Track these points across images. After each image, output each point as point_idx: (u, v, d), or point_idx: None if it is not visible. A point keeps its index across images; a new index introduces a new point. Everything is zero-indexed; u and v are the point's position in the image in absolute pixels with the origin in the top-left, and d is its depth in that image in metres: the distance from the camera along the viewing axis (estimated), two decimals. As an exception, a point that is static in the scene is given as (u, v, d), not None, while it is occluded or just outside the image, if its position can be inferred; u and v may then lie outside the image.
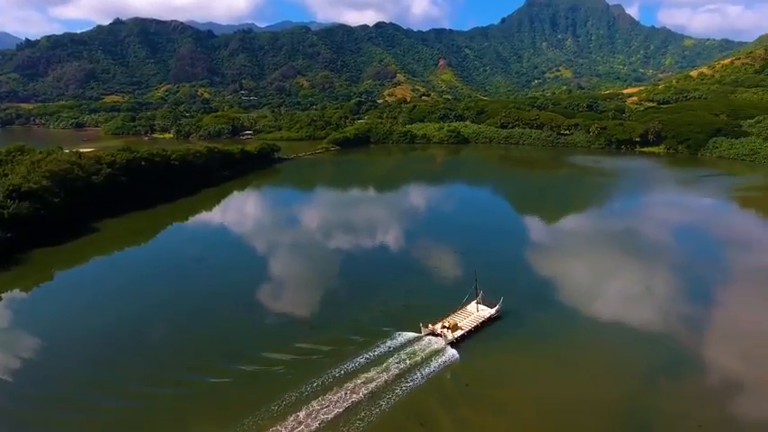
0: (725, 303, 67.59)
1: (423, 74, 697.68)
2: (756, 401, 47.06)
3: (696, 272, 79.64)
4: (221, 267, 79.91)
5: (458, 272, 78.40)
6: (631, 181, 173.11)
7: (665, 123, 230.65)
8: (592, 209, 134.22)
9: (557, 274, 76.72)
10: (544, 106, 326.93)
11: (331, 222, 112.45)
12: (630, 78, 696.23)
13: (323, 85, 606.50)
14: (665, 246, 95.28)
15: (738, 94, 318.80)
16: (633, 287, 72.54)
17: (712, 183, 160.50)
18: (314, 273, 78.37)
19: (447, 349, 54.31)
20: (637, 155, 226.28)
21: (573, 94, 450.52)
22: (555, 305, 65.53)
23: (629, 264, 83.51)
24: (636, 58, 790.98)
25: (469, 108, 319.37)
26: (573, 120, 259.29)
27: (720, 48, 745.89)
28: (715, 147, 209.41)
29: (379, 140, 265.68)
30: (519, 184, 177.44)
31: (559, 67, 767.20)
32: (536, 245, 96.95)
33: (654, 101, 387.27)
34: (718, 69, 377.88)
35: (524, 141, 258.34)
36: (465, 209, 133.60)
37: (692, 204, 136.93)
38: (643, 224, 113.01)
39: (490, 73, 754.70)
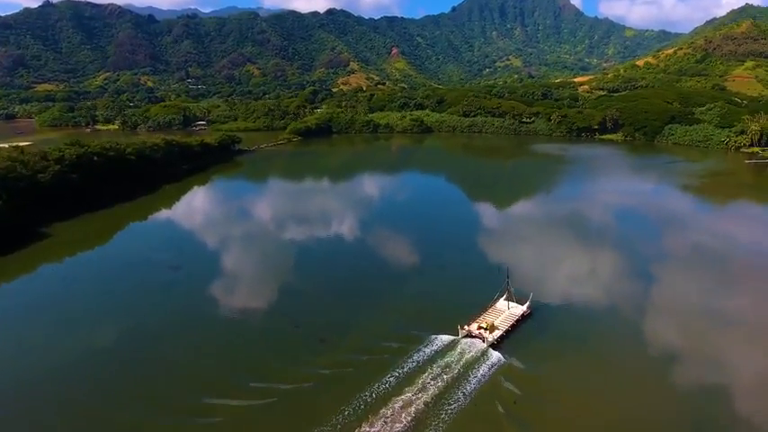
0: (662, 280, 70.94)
1: (376, 62, 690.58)
2: (696, 371, 49.27)
3: (641, 250, 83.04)
4: (202, 276, 71.38)
5: (461, 269, 74.53)
6: (591, 167, 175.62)
7: (622, 111, 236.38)
8: (559, 194, 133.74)
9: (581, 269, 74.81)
10: (500, 95, 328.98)
11: (309, 218, 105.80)
12: (577, 67, 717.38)
13: (275, 73, 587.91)
14: (613, 228, 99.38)
15: (683, 83, 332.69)
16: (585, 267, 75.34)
17: (668, 169, 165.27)
18: (308, 276, 71.97)
19: (490, 352, 50.75)
20: (596, 142, 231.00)
21: (527, 83, 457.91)
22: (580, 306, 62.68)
23: (582, 246, 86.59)
24: (581, 48, 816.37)
25: (428, 97, 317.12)
26: (534, 108, 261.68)
27: (658, 38, 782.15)
28: (670, 134, 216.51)
29: (341, 130, 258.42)
30: (486, 172, 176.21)
31: (509, 56, 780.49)
32: (519, 234, 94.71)
33: (604, 89, 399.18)
34: (663, 59, 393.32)
35: (487, 130, 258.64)
36: (434, 199, 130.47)
37: (643, 189, 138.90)
38: (596, 208, 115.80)
39: (442, 61, 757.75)
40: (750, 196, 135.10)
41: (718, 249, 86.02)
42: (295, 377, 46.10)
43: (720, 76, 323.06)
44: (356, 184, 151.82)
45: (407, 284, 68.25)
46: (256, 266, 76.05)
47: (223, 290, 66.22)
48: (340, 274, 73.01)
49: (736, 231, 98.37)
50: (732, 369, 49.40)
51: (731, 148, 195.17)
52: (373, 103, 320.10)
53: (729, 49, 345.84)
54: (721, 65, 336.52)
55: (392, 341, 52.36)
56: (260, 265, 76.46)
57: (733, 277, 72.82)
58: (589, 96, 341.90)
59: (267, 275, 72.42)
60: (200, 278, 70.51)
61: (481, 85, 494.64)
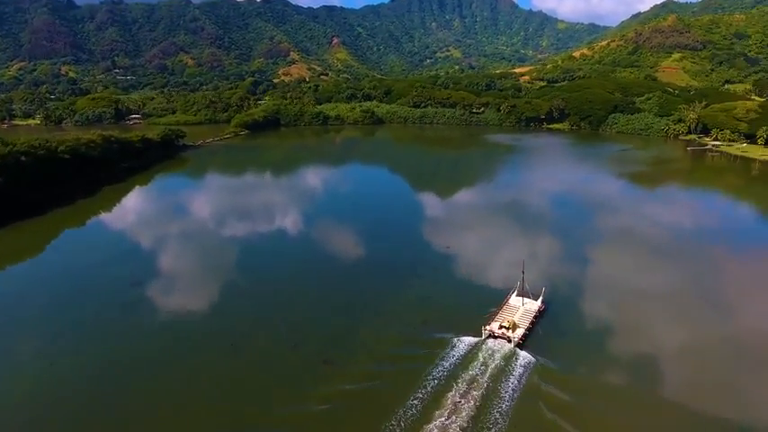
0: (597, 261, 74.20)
1: (317, 52, 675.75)
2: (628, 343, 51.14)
3: (575, 235, 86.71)
4: (168, 291, 63.21)
5: (450, 265, 70.99)
6: (545, 156, 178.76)
7: (567, 101, 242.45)
8: (516, 183, 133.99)
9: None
10: (446, 85, 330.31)
11: (269, 218, 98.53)
12: (514, 58, 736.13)
13: (210, 63, 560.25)
14: (551, 214, 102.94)
15: (618, 74, 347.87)
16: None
17: (619, 157, 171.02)
18: (287, 284, 65.48)
19: (517, 352, 48.50)
20: (544, 131, 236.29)
21: (470, 74, 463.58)
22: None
23: (530, 233, 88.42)
24: (517, 40, 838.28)
25: (375, 87, 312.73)
26: (483, 98, 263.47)
27: (588, 31, 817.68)
28: (614, 122, 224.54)
29: (289, 123, 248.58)
30: (443, 162, 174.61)
31: (449, 47, 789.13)
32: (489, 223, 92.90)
33: (544, 79, 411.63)
34: (597, 50, 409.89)
35: (438, 120, 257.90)
36: (391, 192, 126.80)
37: (596, 177, 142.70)
38: (537, 196, 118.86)
39: (384, 52, 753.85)
40: (693, 181, 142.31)
41: (652, 232, 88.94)
42: (304, 414, 40.26)
43: (651, 68, 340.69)
44: (312, 179, 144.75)
45: (398, 285, 63.85)
46: (226, 277, 68.45)
47: (196, 308, 58.54)
48: (323, 278, 67.26)
49: (682, 215, 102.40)
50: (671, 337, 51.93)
51: (670, 135, 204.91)
52: (320, 94, 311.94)
53: (658, 42, 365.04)
54: (651, 56, 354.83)
55: (413, 347, 49.02)
56: (230, 276, 68.87)
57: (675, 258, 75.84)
58: (531, 87, 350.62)
59: (242, 286, 65.31)
60: (167, 294, 62.27)
61: (424, 75, 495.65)
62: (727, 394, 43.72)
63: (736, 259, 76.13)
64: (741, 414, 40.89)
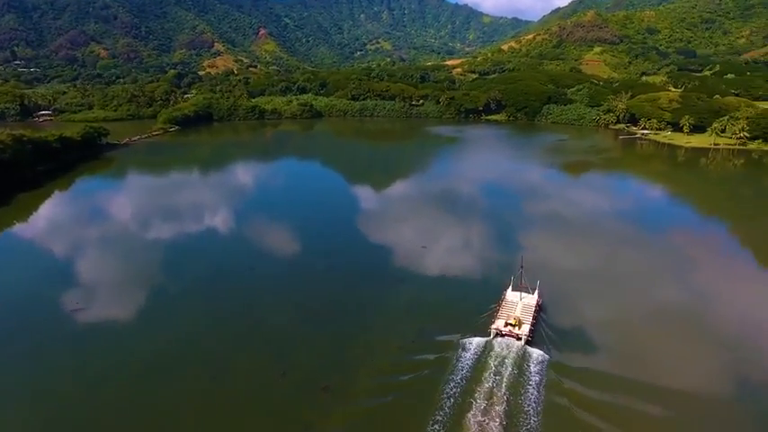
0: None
1: (243, 44, 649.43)
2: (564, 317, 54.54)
3: (507, 220, 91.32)
4: (116, 313, 54.81)
5: (425, 264, 67.56)
6: (483, 147, 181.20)
7: (503, 93, 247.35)
8: (458, 174, 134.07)
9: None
10: (380, 77, 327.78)
11: (215, 221, 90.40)
12: (443, 51, 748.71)
13: (127, 54, 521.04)
14: (485, 202, 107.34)
15: (545, 66, 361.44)
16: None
17: (558, 147, 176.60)
18: (262, 295, 59.20)
19: (528, 350, 47.50)
20: (483, 123, 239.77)
21: (403, 66, 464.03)
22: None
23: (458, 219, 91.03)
24: (445, 33, 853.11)
25: (310, 80, 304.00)
26: (423, 90, 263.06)
27: (512, 25, 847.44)
28: (549, 113, 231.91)
29: (223, 117, 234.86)
30: (385, 155, 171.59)
31: (379, 39, 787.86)
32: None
33: (476, 72, 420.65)
34: (524, 44, 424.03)
35: (378, 113, 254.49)
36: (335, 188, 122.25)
37: (532, 167, 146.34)
38: (471, 185, 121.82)
39: (313, 44, 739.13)
40: (624, 167, 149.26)
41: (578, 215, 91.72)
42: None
43: (576, 60, 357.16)
44: (254, 177, 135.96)
45: (378, 291, 59.57)
46: (181, 291, 60.56)
47: (157, 333, 50.80)
48: (291, 289, 61.21)
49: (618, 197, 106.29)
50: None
51: (601, 125, 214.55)
52: (251, 87, 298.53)
53: (580, 36, 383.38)
54: (575, 50, 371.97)
55: (420, 354, 46.16)
56: (184, 290, 60.94)
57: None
58: (464, 79, 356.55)
59: (202, 303, 57.89)
60: (118, 318, 53.73)
61: (356, 67, 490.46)
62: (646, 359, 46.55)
63: (655, 238, 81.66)
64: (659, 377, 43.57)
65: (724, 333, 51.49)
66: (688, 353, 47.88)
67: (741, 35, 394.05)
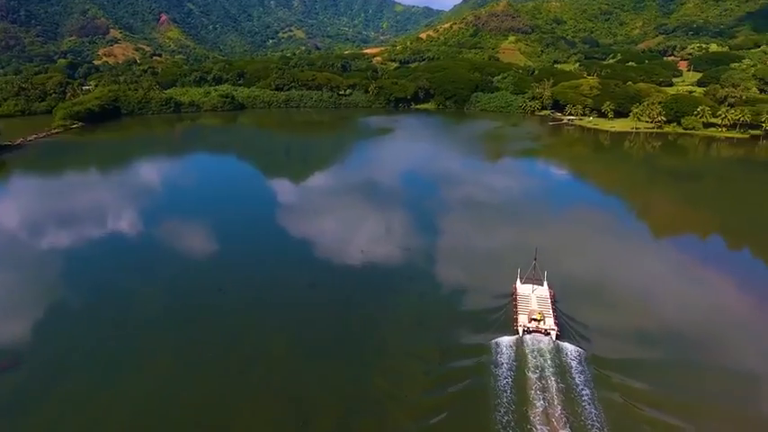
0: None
1: (143, 30, 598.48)
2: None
3: (427, 206, 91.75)
4: (58, 372, 43.09)
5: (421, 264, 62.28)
6: (422, 137, 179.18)
7: (432, 81, 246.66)
8: (397, 165, 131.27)
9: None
10: (300, 66, 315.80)
11: (136, 228, 78.76)
12: (358, 39, 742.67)
13: (5, 41, 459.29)
14: (401, 190, 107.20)
15: (464, 55, 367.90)
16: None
17: (495, 133, 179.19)
18: (241, 321, 50.22)
19: (561, 345, 46.01)
20: (414, 111, 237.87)
21: (321, 54, 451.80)
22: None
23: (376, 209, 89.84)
24: (358, 21, 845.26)
25: (226, 70, 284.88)
26: (350, 80, 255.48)
27: (424, 14, 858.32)
28: (477, 101, 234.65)
29: (133, 111, 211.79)
30: (319, 148, 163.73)
31: (291, 27, 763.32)
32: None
33: (396, 60, 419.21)
34: (442, 33, 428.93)
35: (306, 104, 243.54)
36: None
37: (443, 156, 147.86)
38: (390, 175, 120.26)
39: (221, 31, 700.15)
40: (553, 152, 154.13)
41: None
42: None
43: (493, 49, 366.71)
44: (176, 178, 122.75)
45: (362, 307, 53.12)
46: (137, 332, 49.66)
47: (121, 396, 40.65)
48: (270, 313, 53.08)
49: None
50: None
51: (528, 111, 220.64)
52: (160, 78, 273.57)
53: (495, 25, 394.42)
54: (491, 39, 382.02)
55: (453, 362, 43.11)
56: (144, 327, 50.30)
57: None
58: (386, 68, 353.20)
59: (171, 342, 47.78)
60: (58, 378, 42.43)
61: (270, 56, 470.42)
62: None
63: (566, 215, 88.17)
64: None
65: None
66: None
67: (635, 26, 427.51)
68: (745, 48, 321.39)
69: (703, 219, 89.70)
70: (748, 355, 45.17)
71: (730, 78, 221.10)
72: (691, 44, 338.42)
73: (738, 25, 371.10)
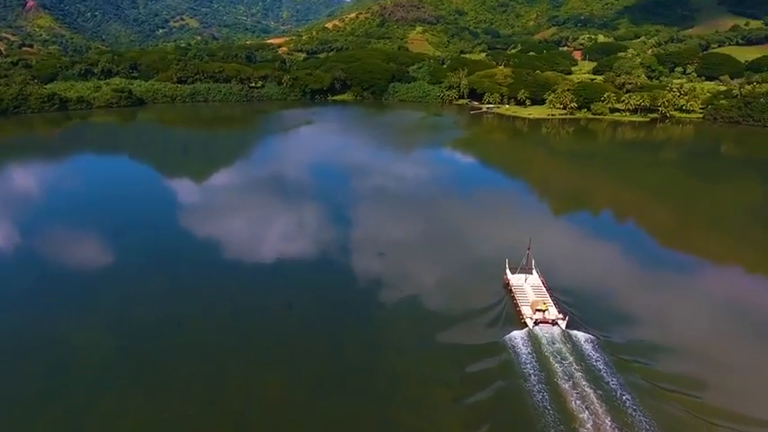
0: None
1: (6, 17, 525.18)
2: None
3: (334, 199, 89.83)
4: None
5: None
6: (345, 130, 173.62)
7: (348, 72, 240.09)
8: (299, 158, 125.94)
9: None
10: (200, 57, 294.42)
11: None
12: (258, 29, 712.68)
13: None
14: (308, 183, 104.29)
15: (373, 45, 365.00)
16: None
17: (422, 125, 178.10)
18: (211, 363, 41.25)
19: (572, 334, 45.34)
20: (331, 103, 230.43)
21: (224, 45, 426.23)
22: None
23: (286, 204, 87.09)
24: (257, 10, 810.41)
25: (114, 61, 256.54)
26: (262, 71, 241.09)
27: (325, 3, 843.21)
28: (395, 91, 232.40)
29: (7, 110, 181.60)
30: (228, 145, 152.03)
31: (183, 15, 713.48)
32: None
33: (303, 50, 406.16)
34: (348, 22, 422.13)
35: (214, 98, 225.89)
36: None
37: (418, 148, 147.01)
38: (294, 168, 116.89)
39: (102, 19, 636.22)
40: (478, 140, 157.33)
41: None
42: None
43: (401, 39, 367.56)
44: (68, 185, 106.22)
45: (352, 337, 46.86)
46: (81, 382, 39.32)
47: None
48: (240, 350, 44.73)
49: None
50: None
51: (446, 101, 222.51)
52: (36, 71, 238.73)
53: (401, 16, 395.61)
54: (399, 29, 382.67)
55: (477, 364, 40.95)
56: (86, 374, 39.94)
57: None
58: (293, 58, 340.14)
59: (129, 396, 38.11)
60: None
61: (162, 46, 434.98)
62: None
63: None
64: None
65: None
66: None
67: (530, 18, 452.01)
68: (628, 39, 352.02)
69: (595, 196, 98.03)
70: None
71: (622, 66, 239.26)
72: (581, 35, 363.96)
73: (619, 18, 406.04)
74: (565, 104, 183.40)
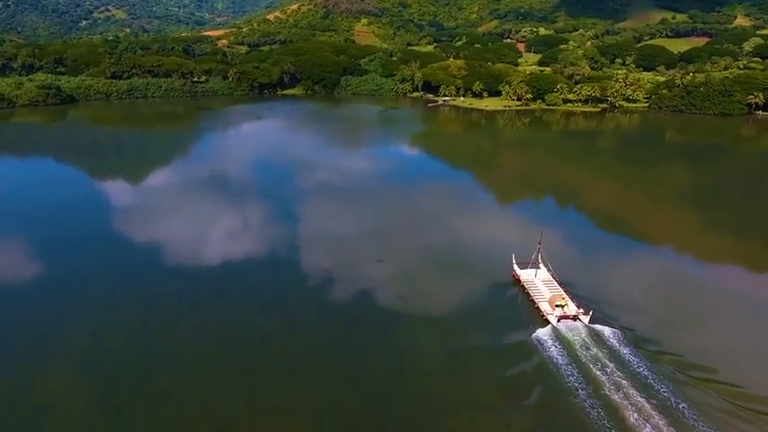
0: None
1: None
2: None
3: (278, 193, 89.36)
4: None
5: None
6: (299, 126, 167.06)
7: (297, 65, 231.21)
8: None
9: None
10: (132, 50, 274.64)
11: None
12: (192, 21, 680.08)
13: None
14: (250, 179, 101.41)
15: (318, 37, 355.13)
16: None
17: (382, 118, 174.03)
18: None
19: (597, 329, 44.62)
20: (279, 98, 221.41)
21: (158, 37, 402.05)
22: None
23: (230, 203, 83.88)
24: (189, 1, 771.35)
25: (36, 55, 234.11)
26: (205, 64, 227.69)
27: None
28: (347, 85, 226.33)
29: None
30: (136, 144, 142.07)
31: (108, 6, 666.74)
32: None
33: (245, 43, 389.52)
34: (291, 14, 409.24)
35: (154, 93, 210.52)
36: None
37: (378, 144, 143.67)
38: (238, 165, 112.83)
39: (16, 10, 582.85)
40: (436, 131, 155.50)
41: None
42: None
43: (347, 31, 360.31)
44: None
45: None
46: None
47: None
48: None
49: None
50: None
51: (400, 94, 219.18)
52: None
53: (345, 8, 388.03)
54: (344, 21, 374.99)
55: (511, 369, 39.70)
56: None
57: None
58: (235, 51, 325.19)
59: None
60: None
61: (88, 39, 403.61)
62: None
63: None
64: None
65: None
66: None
67: (472, 11, 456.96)
68: (567, 31, 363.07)
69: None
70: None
71: (567, 58, 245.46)
72: (523, 28, 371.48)
73: (556, 11, 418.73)
74: (520, 96, 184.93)
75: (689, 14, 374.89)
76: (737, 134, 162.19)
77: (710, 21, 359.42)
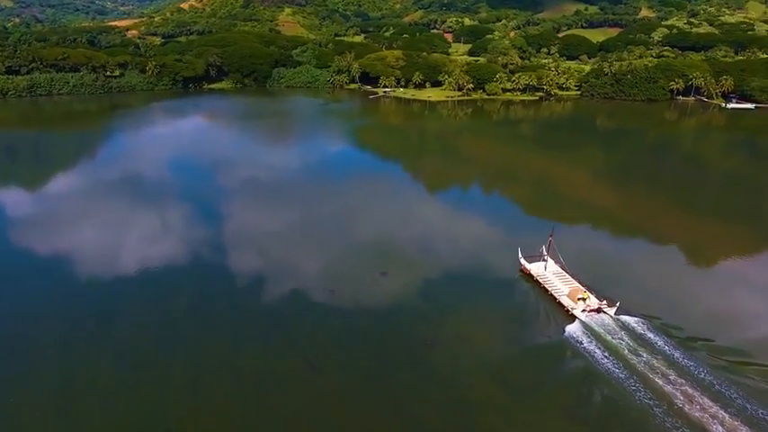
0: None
1: None
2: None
3: (205, 194, 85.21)
4: None
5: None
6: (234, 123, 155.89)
7: (223, 57, 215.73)
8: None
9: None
10: (26, 42, 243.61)
11: None
12: (92, 11, 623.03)
13: None
14: (172, 182, 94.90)
15: (240, 27, 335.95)
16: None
17: (326, 111, 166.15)
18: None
19: (623, 320, 44.35)
20: (206, 92, 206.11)
21: (57, 28, 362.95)
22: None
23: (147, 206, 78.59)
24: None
25: None
26: (119, 57, 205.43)
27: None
28: (280, 77, 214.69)
29: None
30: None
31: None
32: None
33: (157, 34, 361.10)
34: (207, 3, 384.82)
35: (61, 90, 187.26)
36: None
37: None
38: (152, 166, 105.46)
39: None
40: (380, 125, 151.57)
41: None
42: None
43: (271, 21, 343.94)
44: None
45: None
46: None
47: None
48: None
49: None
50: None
51: (337, 86, 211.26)
52: None
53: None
54: (266, 11, 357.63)
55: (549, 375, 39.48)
56: None
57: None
58: (148, 43, 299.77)
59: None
60: None
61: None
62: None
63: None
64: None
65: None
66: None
67: (396, 1, 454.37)
68: (491, 22, 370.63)
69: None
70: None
71: (496, 48, 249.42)
72: (449, 18, 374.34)
73: (478, 2, 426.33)
74: (461, 86, 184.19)
75: (600, 6, 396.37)
76: (662, 118, 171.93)
77: (620, 12, 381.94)
